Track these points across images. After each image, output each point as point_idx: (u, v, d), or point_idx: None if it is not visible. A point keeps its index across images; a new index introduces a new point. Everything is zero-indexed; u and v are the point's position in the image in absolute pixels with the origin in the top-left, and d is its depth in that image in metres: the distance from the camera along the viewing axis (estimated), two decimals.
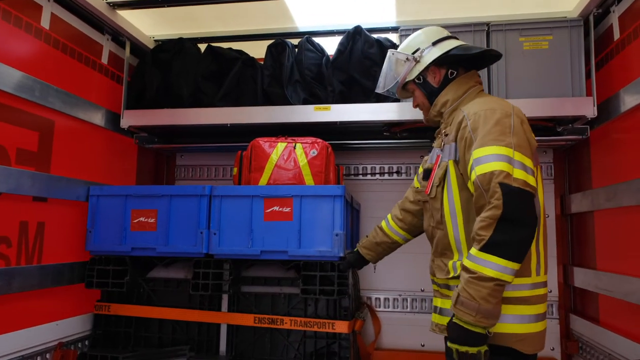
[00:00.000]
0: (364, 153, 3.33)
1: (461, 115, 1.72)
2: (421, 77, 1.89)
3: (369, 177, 3.35)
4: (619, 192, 2.38)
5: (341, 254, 2.44)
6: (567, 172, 3.17)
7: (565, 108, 2.59)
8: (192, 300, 2.68)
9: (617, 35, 2.48)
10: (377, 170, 3.34)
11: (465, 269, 1.54)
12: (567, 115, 2.63)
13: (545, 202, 3.13)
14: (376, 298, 3.26)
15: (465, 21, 2.75)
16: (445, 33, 1.90)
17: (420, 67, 1.86)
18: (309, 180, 2.60)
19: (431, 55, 1.84)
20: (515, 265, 1.50)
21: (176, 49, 3.05)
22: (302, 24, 3.13)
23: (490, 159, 1.56)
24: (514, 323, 1.60)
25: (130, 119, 2.94)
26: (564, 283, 3.09)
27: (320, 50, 2.99)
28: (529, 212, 1.52)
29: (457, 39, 1.89)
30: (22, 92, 2.21)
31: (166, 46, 3.08)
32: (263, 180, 2.62)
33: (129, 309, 2.65)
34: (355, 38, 2.82)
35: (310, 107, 2.78)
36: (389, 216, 2.24)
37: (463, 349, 1.53)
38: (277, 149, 2.65)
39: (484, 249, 1.50)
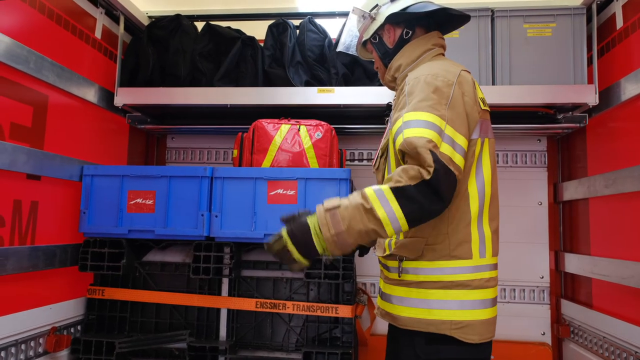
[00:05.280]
0: (362, 138, 3.30)
1: (404, 81, 1.61)
2: (377, 37, 1.76)
3: (365, 162, 3.32)
4: (619, 178, 2.43)
5: None
6: (560, 160, 3.23)
7: (567, 95, 2.61)
8: (190, 285, 2.61)
9: (619, 24, 2.51)
10: (374, 156, 3.32)
11: (363, 195, 1.41)
12: (568, 103, 2.66)
13: (539, 190, 3.20)
14: (371, 284, 3.25)
15: (469, 6, 2.75)
16: None
17: (375, 26, 1.73)
18: (313, 163, 2.56)
19: (386, 12, 1.70)
20: (403, 226, 1.39)
21: (173, 27, 2.95)
22: (303, 5, 3.07)
23: (421, 125, 1.44)
24: (449, 309, 1.50)
25: (124, 96, 2.82)
26: (555, 269, 3.15)
27: (322, 32, 2.94)
28: (448, 188, 1.40)
29: None
30: (17, 63, 2.08)
31: (162, 23, 2.97)
32: (266, 163, 2.56)
33: (125, 293, 2.56)
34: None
35: (313, 89, 2.73)
36: None
37: (290, 247, 1.42)
38: (281, 131, 2.59)
39: (395, 190, 1.38)
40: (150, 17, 3.15)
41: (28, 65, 2.15)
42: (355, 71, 2.82)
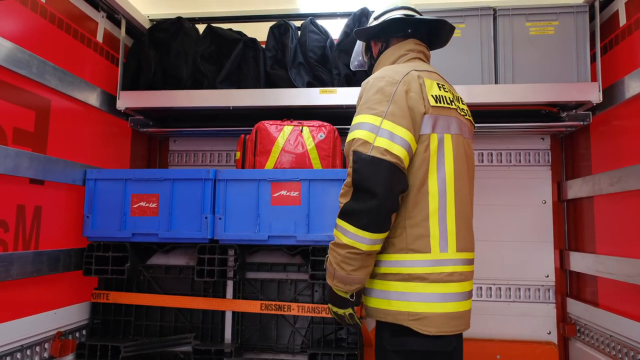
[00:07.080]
0: None
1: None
2: (369, 52, 1.97)
3: None
4: (624, 176, 2.42)
5: None
6: (564, 159, 3.21)
7: (571, 93, 2.60)
8: (195, 288, 2.60)
9: (623, 21, 2.50)
10: None
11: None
12: (572, 101, 2.65)
13: (543, 188, 3.19)
14: None
15: (471, 5, 2.74)
16: (394, 4, 1.87)
17: (365, 43, 1.98)
18: (316, 164, 2.55)
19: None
20: (371, 235, 1.50)
21: (174, 29, 2.94)
22: (304, 6, 3.06)
23: (355, 127, 1.58)
24: (407, 301, 1.56)
25: (127, 100, 2.82)
26: (560, 268, 3.14)
27: (324, 33, 2.93)
28: (378, 181, 1.48)
29: (408, 8, 1.86)
30: (19, 67, 2.08)
31: (164, 26, 2.96)
32: (269, 164, 2.56)
33: (130, 297, 2.55)
34: (361, 20, 2.77)
35: (315, 90, 2.72)
36: None
37: (334, 309, 1.68)
38: (284, 132, 2.59)
39: (339, 215, 1.55)
40: (151, 20, 3.15)
41: (30, 70, 2.15)
42: (357, 72, 2.81)
